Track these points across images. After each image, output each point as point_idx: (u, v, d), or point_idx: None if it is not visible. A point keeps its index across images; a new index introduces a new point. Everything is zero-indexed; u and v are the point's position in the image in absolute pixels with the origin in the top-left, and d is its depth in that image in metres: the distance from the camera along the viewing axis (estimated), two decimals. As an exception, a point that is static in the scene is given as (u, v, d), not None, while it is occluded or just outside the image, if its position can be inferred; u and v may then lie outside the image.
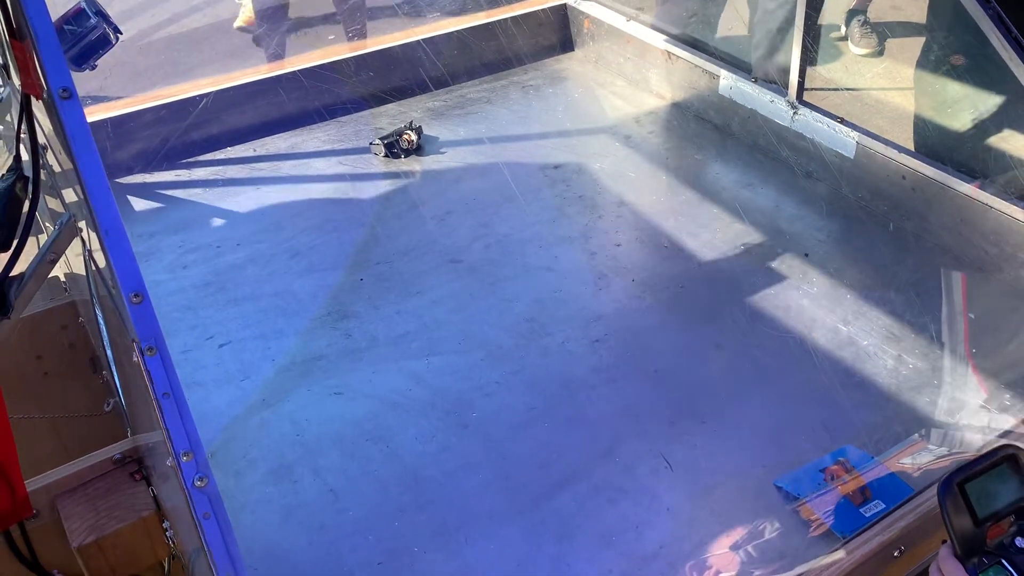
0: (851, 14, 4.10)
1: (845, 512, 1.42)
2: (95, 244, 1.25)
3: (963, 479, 1.01)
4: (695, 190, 2.31)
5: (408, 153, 2.49)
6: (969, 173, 1.95)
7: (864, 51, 4.03)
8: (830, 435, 1.59)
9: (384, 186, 2.39)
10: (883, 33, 4.08)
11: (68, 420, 1.76)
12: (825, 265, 2.00)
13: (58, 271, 1.77)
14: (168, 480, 1.25)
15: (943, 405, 1.65)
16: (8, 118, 1.60)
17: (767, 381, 1.72)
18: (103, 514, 1.36)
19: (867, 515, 1.41)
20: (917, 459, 1.54)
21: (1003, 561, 0.97)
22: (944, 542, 1.01)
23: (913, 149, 2.07)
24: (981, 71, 2.03)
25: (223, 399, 1.75)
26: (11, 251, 1.23)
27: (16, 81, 1.48)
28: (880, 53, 4.06)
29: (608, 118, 2.68)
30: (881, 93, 3.74)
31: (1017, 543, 0.99)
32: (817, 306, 1.89)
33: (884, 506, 1.41)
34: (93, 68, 1.37)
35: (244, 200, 2.36)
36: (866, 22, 4.07)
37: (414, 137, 2.49)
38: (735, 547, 1.38)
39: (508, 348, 1.83)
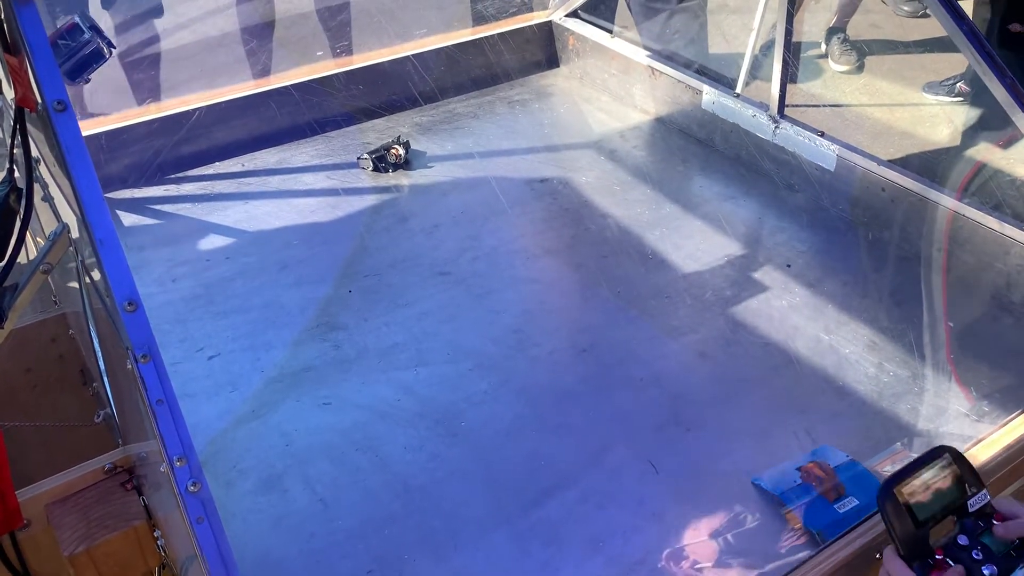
0: (831, 32, 4.18)
1: (820, 509, 1.46)
2: (88, 255, 1.26)
3: (901, 483, 1.04)
4: (679, 203, 2.35)
5: (396, 167, 2.52)
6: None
7: (844, 68, 4.10)
8: (813, 441, 1.62)
9: (372, 200, 2.41)
10: (862, 50, 4.16)
11: (57, 432, 1.76)
12: (806, 275, 2.04)
13: (48, 283, 1.78)
14: (160, 489, 1.26)
15: (924, 413, 1.68)
16: (0, 132, 1.61)
17: (751, 388, 1.75)
18: (94, 523, 1.36)
19: (841, 512, 1.44)
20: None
21: (948, 560, 1.00)
22: (889, 544, 1.04)
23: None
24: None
25: (213, 410, 1.76)
26: (4, 262, 1.25)
27: (9, 95, 1.50)
28: (860, 70, 4.13)
29: (593, 133, 2.72)
30: (861, 109, 3.80)
31: (959, 541, 1.02)
32: (799, 315, 1.92)
33: (858, 503, 1.46)
34: (87, 82, 1.39)
35: (233, 214, 2.37)
36: (845, 40, 4.15)
37: (402, 151, 2.52)
38: (715, 535, 1.41)
39: (496, 358, 1.85)
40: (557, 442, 1.65)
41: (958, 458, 1.07)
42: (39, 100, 1.15)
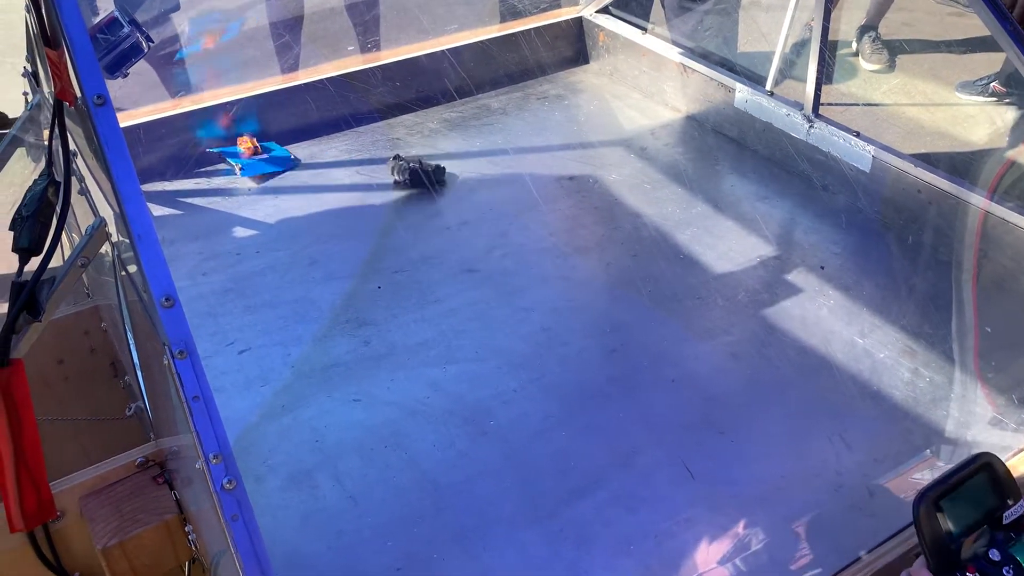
0: (862, 30, 4.13)
1: (250, 163, 2.47)
2: (125, 249, 1.26)
3: (938, 494, 1.00)
4: (711, 202, 2.32)
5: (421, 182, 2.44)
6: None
7: (875, 67, 4.04)
8: (847, 446, 1.60)
9: (401, 196, 2.41)
10: (894, 49, 4.10)
11: (89, 424, 1.77)
12: (841, 278, 2.01)
13: (81, 276, 1.79)
14: (192, 484, 1.26)
15: (957, 420, 1.65)
16: (39, 124, 1.62)
17: (784, 392, 1.73)
18: (127, 517, 1.37)
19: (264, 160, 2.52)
20: (928, 476, 1.55)
21: None
22: (918, 555, 1.00)
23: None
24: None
25: (243, 405, 1.76)
26: (42, 255, 1.25)
27: (47, 88, 1.50)
28: (891, 68, 4.07)
29: (624, 130, 2.70)
30: (894, 108, 3.75)
31: (992, 556, 0.97)
32: (834, 318, 1.89)
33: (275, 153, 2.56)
34: (125, 76, 1.39)
35: (263, 208, 2.38)
36: (877, 38, 4.09)
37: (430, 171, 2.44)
38: (723, 561, 1.39)
39: (525, 356, 1.84)
40: (587, 442, 1.64)
41: (998, 466, 1.03)
42: (78, 94, 1.15)
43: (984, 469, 1.01)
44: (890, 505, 1.49)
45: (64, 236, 1.56)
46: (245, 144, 2.53)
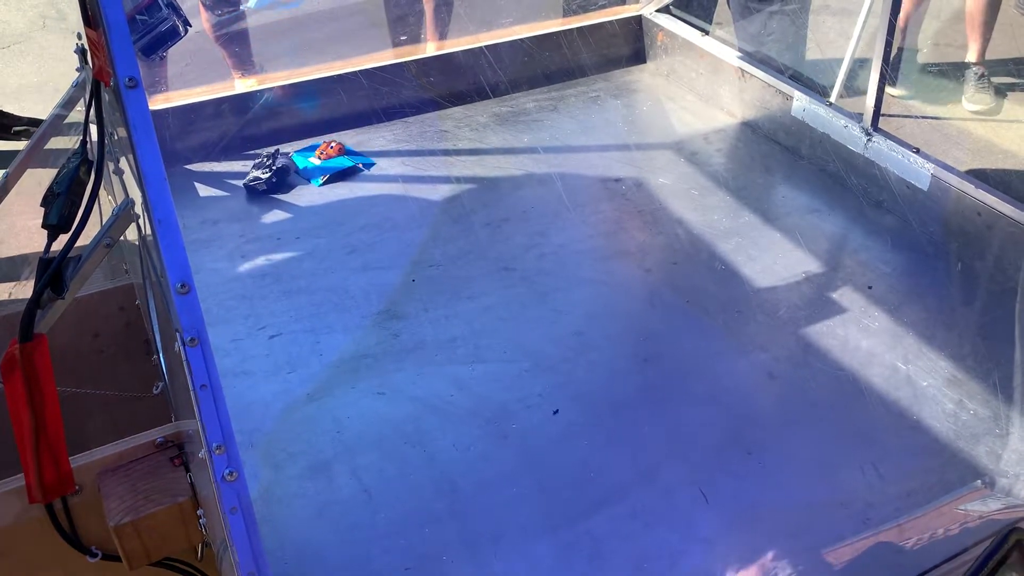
0: (967, 68, 3.84)
1: (330, 163, 2.45)
2: (150, 231, 1.27)
3: None
4: (759, 212, 2.26)
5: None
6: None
7: (977, 107, 3.75)
8: (880, 477, 1.53)
9: (444, 189, 2.39)
10: (1001, 91, 3.81)
11: (119, 399, 1.79)
12: (888, 300, 1.94)
13: (121, 252, 1.81)
14: (204, 469, 1.26)
15: (1005, 457, 1.58)
16: (82, 102, 1.64)
17: (818, 416, 1.67)
18: (141, 496, 1.38)
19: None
20: (977, 507, 1.48)
21: None
22: None
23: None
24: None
25: (269, 390, 1.76)
26: (71, 233, 1.26)
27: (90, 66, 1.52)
28: (996, 111, 3.79)
29: (676, 133, 2.64)
30: (961, 123, 3.59)
31: None
32: (877, 342, 1.82)
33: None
34: (161, 59, 1.39)
35: (307, 194, 2.38)
36: (983, 76, 3.81)
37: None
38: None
39: (555, 360, 1.81)
40: (610, 454, 1.60)
41: None
42: (113, 74, 1.15)
43: (1017, 548, 0.95)
44: (921, 542, 1.43)
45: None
46: (326, 151, 2.49)
